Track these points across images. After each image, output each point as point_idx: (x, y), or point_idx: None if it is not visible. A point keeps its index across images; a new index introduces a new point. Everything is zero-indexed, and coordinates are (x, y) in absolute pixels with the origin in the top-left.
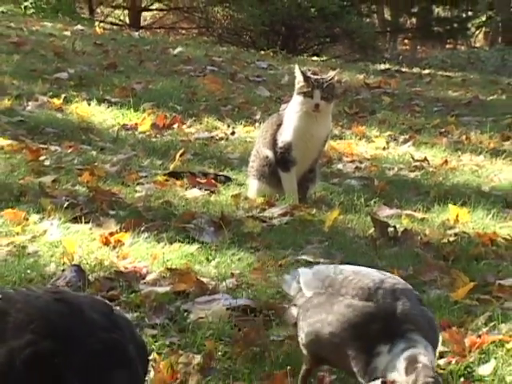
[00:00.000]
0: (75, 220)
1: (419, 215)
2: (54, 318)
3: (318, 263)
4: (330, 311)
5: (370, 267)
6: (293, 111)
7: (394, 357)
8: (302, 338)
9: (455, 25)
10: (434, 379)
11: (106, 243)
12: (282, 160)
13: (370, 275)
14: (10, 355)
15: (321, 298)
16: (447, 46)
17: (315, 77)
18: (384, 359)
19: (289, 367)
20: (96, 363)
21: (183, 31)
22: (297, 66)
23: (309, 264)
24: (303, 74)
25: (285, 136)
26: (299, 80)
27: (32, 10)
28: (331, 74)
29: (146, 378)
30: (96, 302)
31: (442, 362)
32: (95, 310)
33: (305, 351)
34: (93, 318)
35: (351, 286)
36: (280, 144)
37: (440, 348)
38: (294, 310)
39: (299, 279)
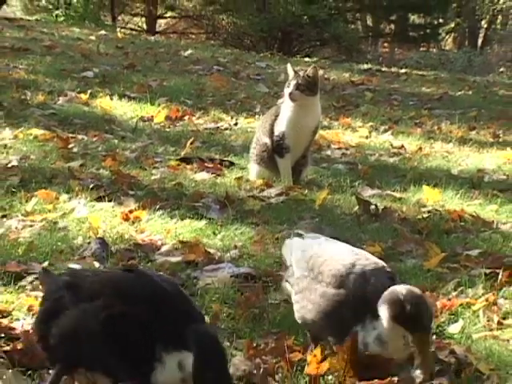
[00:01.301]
0: (99, 199)
1: (397, 195)
2: (127, 284)
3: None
4: (310, 299)
5: (355, 240)
6: (286, 105)
7: (367, 330)
8: (296, 318)
9: (428, 30)
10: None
11: (126, 219)
12: (277, 147)
13: (343, 259)
14: (83, 314)
15: (304, 282)
16: (421, 49)
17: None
18: (360, 335)
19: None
20: (170, 322)
21: (193, 36)
22: (288, 64)
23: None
24: (293, 69)
25: (279, 126)
26: (289, 75)
27: (62, 18)
28: (309, 70)
29: None
30: (158, 274)
31: None
32: (164, 280)
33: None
34: (165, 287)
35: (326, 272)
36: (276, 133)
37: None
38: (288, 286)
39: (291, 252)
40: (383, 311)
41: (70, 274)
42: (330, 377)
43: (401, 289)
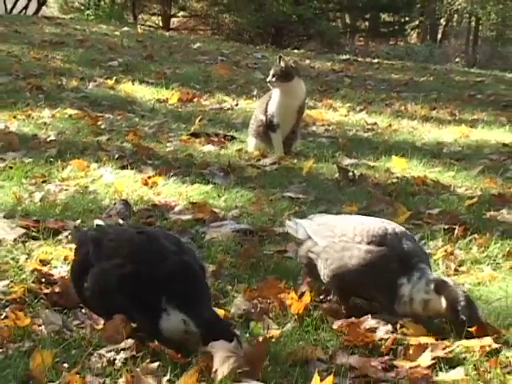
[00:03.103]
0: (123, 167)
1: (371, 163)
2: (136, 246)
3: (298, 199)
4: (352, 257)
5: (336, 201)
6: (275, 89)
7: (414, 284)
8: (328, 281)
9: (396, 27)
10: (464, 291)
11: (146, 184)
12: (269, 124)
13: (374, 223)
14: (103, 273)
15: (337, 246)
16: (390, 43)
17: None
18: (407, 287)
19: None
20: (171, 279)
21: (201, 32)
22: (279, 56)
23: (291, 199)
24: (279, 59)
25: (270, 107)
26: None
27: (92, 17)
28: (282, 61)
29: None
30: (167, 234)
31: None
32: (167, 240)
33: (333, 289)
34: (166, 245)
35: (364, 234)
36: (268, 112)
37: None
38: (311, 255)
39: (305, 228)
40: (442, 300)
41: (96, 229)
42: (314, 314)
43: (461, 296)
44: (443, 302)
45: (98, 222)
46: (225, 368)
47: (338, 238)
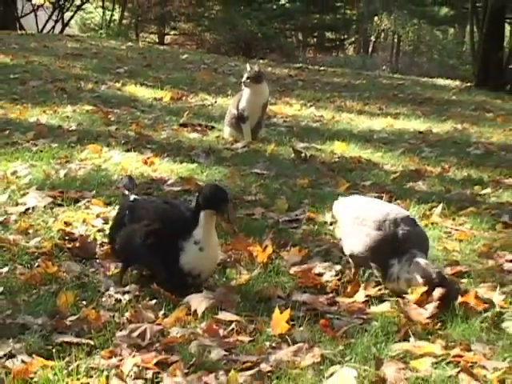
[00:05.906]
0: (128, 150)
1: (318, 146)
2: (160, 211)
3: (263, 174)
4: (357, 237)
5: (292, 175)
6: (245, 90)
7: (402, 265)
8: (345, 253)
9: (337, 42)
10: (437, 268)
11: (145, 163)
12: (241, 116)
13: (381, 210)
14: (132, 231)
15: (353, 227)
16: (333, 54)
17: (249, 68)
18: (396, 268)
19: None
20: (185, 226)
21: (188, 46)
22: (247, 64)
23: (257, 174)
24: (250, 67)
25: (241, 103)
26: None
27: (104, 35)
28: (255, 67)
29: None
30: (187, 205)
31: (332, 227)
32: (186, 209)
33: (349, 259)
34: (186, 214)
35: (369, 219)
36: (240, 107)
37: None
38: (338, 231)
39: (339, 210)
40: (418, 279)
41: (134, 199)
42: (276, 262)
43: (433, 269)
44: (419, 279)
45: (133, 196)
46: (202, 306)
47: (353, 219)
